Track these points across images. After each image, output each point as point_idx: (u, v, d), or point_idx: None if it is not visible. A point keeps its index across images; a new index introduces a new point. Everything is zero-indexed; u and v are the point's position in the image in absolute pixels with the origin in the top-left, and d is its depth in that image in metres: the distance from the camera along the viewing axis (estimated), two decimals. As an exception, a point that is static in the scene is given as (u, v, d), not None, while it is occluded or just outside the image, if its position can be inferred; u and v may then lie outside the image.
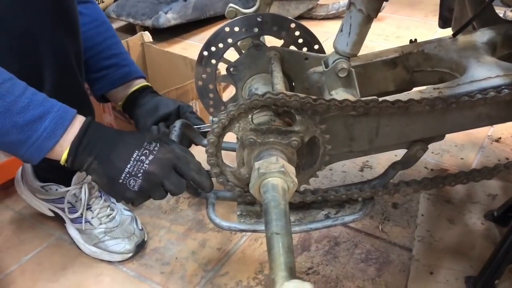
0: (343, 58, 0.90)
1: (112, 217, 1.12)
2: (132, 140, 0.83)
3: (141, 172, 0.81)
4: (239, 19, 1.00)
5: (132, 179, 0.81)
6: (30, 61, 0.88)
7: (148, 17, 2.21)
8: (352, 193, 0.90)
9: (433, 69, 1.01)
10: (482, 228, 1.15)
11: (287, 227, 0.66)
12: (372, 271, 1.06)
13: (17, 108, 0.74)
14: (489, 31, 1.00)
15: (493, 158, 1.41)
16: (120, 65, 1.16)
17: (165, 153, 0.83)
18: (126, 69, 1.18)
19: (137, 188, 0.82)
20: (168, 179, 0.83)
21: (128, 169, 0.81)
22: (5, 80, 0.74)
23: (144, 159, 0.81)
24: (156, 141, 0.84)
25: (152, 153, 0.82)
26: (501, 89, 0.83)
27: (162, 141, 0.85)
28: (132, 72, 1.19)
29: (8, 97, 0.74)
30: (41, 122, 0.76)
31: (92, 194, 1.12)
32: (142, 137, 0.84)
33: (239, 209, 0.92)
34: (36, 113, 0.76)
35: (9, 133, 0.75)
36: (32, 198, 1.17)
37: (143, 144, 0.82)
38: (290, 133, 0.82)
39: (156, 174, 0.82)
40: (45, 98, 0.79)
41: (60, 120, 0.78)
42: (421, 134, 0.88)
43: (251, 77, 1.04)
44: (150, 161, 0.81)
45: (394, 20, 2.50)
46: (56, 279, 1.06)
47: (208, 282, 1.05)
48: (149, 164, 0.81)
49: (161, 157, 0.82)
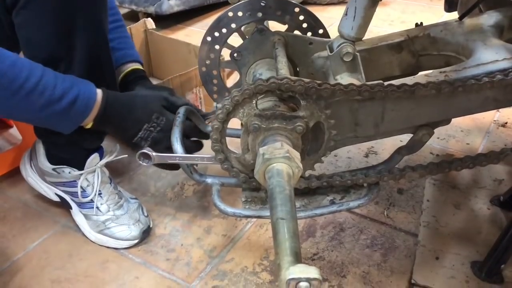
0: (348, 42, 0.89)
1: (120, 204, 1.13)
2: (143, 113, 1.03)
3: (151, 137, 1.04)
4: (243, 4, 0.99)
5: (143, 141, 1.04)
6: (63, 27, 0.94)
7: (151, 3, 2.20)
8: (357, 178, 0.90)
9: (439, 53, 1.00)
10: (488, 213, 1.14)
11: (292, 213, 0.66)
12: (378, 256, 1.06)
13: (55, 99, 0.90)
14: (496, 14, 0.99)
15: (499, 143, 1.40)
16: (115, 49, 1.16)
17: (170, 125, 1.03)
18: (119, 54, 1.19)
19: (147, 145, 1.03)
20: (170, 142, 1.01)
21: (140, 135, 1.03)
22: (40, 76, 0.88)
23: (153, 129, 1.03)
24: (163, 115, 1.04)
25: (159, 125, 1.04)
26: (508, 72, 0.82)
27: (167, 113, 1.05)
28: (124, 56, 1.20)
29: (47, 92, 0.89)
30: (74, 106, 0.93)
31: (102, 179, 1.12)
32: (151, 109, 1.04)
33: (244, 195, 0.92)
34: (68, 101, 0.92)
35: (50, 118, 0.93)
36: (39, 182, 1.17)
37: (152, 117, 1.03)
38: (295, 119, 0.82)
39: (162, 139, 1.04)
40: (72, 82, 0.93)
41: (86, 101, 0.95)
42: (427, 118, 0.88)
43: (255, 62, 1.03)
44: (158, 131, 1.04)
45: (399, 5, 2.47)
46: (62, 266, 1.07)
47: (214, 269, 1.05)
48: (157, 133, 1.04)
49: (166, 129, 1.03)
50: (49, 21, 0.92)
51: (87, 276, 1.04)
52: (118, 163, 1.24)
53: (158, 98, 1.08)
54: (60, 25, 0.93)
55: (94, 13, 0.96)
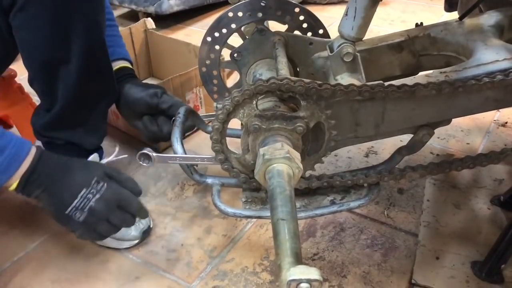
0: (348, 42, 0.89)
1: None
2: (81, 176, 0.90)
3: (87, 208, 0.88)
4: (243, 4, 0.99)
5: (78, 211, 0.88)
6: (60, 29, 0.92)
7: (150, 3, 2.19)
8: (357, 178, 0.90)
9: (439, 53, 1.00)
10: (488, 213, 1.14)
11: (293, 213, 0.66)
12: (378, 256, 1.06)
13: None
14: (496, 14, 0.99)
15: (499, 143, 1.40)
16: None
17: (111, 194, 0.90)
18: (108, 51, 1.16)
19: (82, 219, 0.89)
20: (113, 214, 0.91)
21: (75, 204, 0.88)
22: None
23: (91, 197, 0.89)
24: (104, 180, 0.90)
25: (99, 193, 0.89)
26: (509, 73, 0.82)
27: (111, 179, 0.92)
28: (113, 53, 1.17)
29: None
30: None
31: None
32: (91, 174, 0.90)
33: (244, 196, 0.92)
34: None
35: None
36: None
37: (91, 182, 0.89)
38: (295, 119, 0.82)
39: (101, 211, 0.89)
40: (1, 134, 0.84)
41: (15, 157, 0.84)
42: (428, 118, 0.88)
43: (255, 62, 1.03)
44: (96, 200, 0.89)
45: (399, 4, 2.47)
46: (63, 267, 1.07)
47: (214, 269, 1.05)
48: (95, 202, 0.89)
49: (107, 198, 0.90)
50: (47, 24, 0.91)
51: (87, 277, 1.04)
52: (118, 163, 1.24)
53: (101, 165, 1.01)
54: (57, 28, 0.92)
55: (92, 15, 0.95)
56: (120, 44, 1.24)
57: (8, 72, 1.28)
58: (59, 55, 0.95)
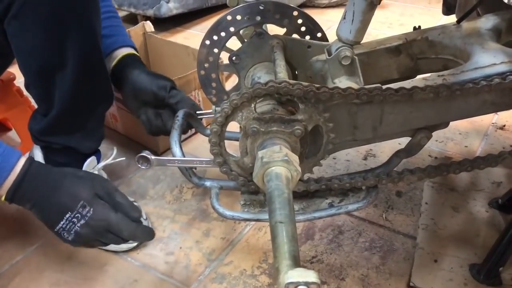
0: (346, 45, 0.89)
1: None
2: (67, 198, 0.86)
3: (73, 231, 0.87)
4: (241, 8, 0.99)
5: (66, 232, 0.87)
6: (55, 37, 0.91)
7: (149, 6, 2.20)
8: (356, 181, 0.90)
9: (437, 56, 1.00)
10: (487, 215, 1.14)
11: (291, 216, 0.66)
12: (376, 259, 1.06)
13: None
14: (493, 17, 0.99)
15: (497, 146, 1.40)
16: (105, 36, 1.10)
17: (98, 220, 0.87)
18: (110, 40, 1.14)
19: (70, 240, 0.88)
20: (102, 238, 0.89)
21: (61, 225, 0.86)
22: None
23: (76, 221, 0.86)
24: (91, 204, 0.87)
25: (84, 218, 0.86)
26: (506, 76, 0.82)
27: (100, 201, 0.88)
28: (116, 42, 1.15)
29: None
30: None
31: None
32: (77, 196, 0.87)
33: (243, 198, 0.92)
34: None
35: None
36: None
37: (77, 206, 0.86)
38: (293, 122, 0.82)
39: (88, 237, 0.88)
40: None
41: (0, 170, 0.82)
42: (425, 121, 0.88)
43: (254, 66, 1.03)
44: (81, 225, 0.87)
45: (398, 8, 2.48)
46: (62, 269, 1.07)
47: (212, 272, 1.05)
48: (80, 227, 0.87)
49: (92, 224, 0.87)
50: (41, 32, 0.90)
51: (86, 279, 1.04)
52: (116, 166, 1.24)
53: (94, 183, 0.91)
54: (52, 35, 0.90)
55: (87, 21, 0.93)
56: (123, 33, 1.20)
57: (7, 75, 1.28)
58: (54, 61, 0.93)
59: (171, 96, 1.12)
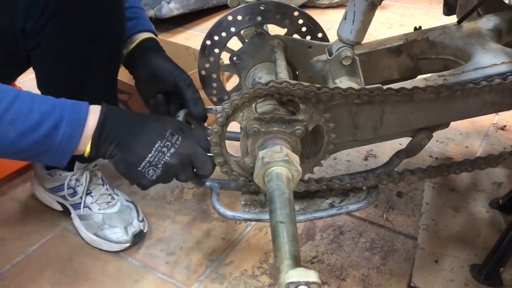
0: (347, 46, 0.89)
1: (111, 204, 1.13)
2: (154, 128, 0.82)
3: (162, 163, 0.81)
4: (242, 8, 0.99)
5: (152, 169, 0.81)
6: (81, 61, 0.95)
7: (150, 7, 2.20)
8: (356, 181, 0.90)
9: (437, 57, 1.00)
10: (487, 216, 1.14)
11: (292, 216, 0.66)
12: (377, 259, 1.06)
13: (31, 126, 0.73)
14: (494, 18, 0.99)
15: (498, 146, 1.40)
16: (128, 18, 1.06)
17: (186, 148, 0.83)
18: (131, 24, 1.09)
19: (155, 177, 0.82)
20: (184, 172, 0.84)
21: (149, 158, 0.80)
22: (11, 102, 0.72)
23: (166, 151, 0.81)
24: (178, 133, 0.83)
25: (174, 146, 0.82)
26: (507, 76, 0.82)
27: (185, 133, 0.85)
28: (136, 25, 1.10)
29: (19, 120, 0.72)
30: (57, 131, 0.75)
31: (93, 181, 1.13)
32: (164, 126, 0.83)
33: (244, 199, 0.92)
34: (50, 125, 0.74)
35: (30, 149, 0.74)
36: (42, 192, 1.19)
37: (166, 134, 0.82)
38: (294, 122, 0.82)
39: (175, 167, 0.82)
40: (54, 104, 0.76)
41: (75, 123, 0.77)
42: (426, 122, 0.88)
43: (255, 66, 1.03)
44: (171, 154, 0.81)
45: (398, 8, 2.48)
46: (62, 270, 1.07)
47: (213, 272, 1.05)
48: (170, 156, 0.81)
49: (182, 152, 0.82)
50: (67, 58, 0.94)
51: (87, 280, 1.04)
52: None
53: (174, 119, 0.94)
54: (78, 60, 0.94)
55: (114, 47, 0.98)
56: (143, 15, 1.15)
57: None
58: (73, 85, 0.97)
59: (188, 92, 1.04)
